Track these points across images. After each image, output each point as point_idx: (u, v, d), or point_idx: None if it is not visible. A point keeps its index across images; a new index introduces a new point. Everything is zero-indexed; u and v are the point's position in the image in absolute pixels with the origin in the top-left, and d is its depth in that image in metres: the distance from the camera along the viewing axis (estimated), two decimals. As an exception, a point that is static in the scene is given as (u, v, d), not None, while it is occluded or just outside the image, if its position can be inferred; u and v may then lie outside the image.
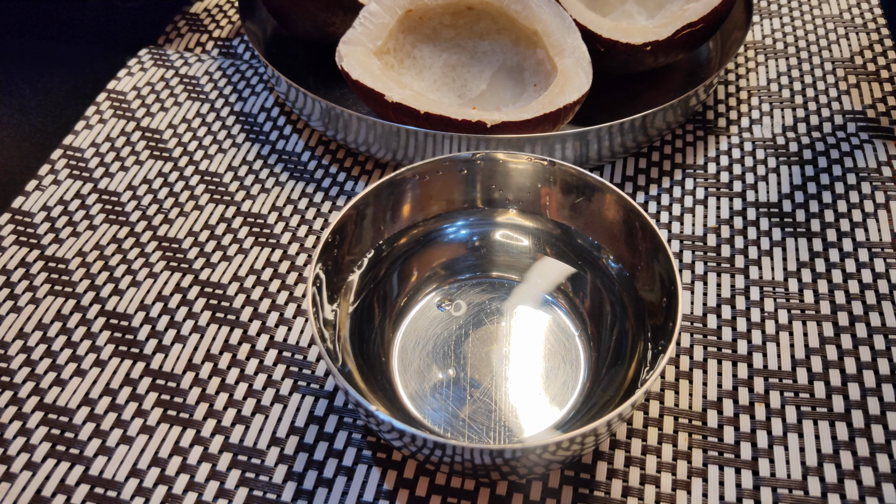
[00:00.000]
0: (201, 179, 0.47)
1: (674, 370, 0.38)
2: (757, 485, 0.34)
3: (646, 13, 0.52)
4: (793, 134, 0.48)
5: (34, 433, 0.36)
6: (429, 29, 0.48)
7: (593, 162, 0.46)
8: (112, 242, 0.44)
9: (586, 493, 0.34)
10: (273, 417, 0.37)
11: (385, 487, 0.34)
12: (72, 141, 0.50)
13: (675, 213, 0.44)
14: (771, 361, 0.38)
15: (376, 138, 0.45)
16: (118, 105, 0.52)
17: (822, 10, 0.57)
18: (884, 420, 0.35)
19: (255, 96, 0.53)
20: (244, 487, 0.34)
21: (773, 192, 0.45)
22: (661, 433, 0.35)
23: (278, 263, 0.43)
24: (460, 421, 0.34)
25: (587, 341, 0.37)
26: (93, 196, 0.47)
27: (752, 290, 0.41)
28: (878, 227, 0.43)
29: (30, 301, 0.41)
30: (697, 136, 0.49)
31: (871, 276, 0.41)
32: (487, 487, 0.34)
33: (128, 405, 0.37)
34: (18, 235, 0.44)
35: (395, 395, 0.35)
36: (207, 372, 0.38)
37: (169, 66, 0.55)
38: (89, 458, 0.35)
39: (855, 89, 0.51)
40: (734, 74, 0.53)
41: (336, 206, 0.46)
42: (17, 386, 0.38)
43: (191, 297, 0.41)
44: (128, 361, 0.39)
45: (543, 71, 0.46)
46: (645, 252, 0.36)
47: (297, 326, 0.40)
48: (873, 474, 0.34)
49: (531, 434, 0.34)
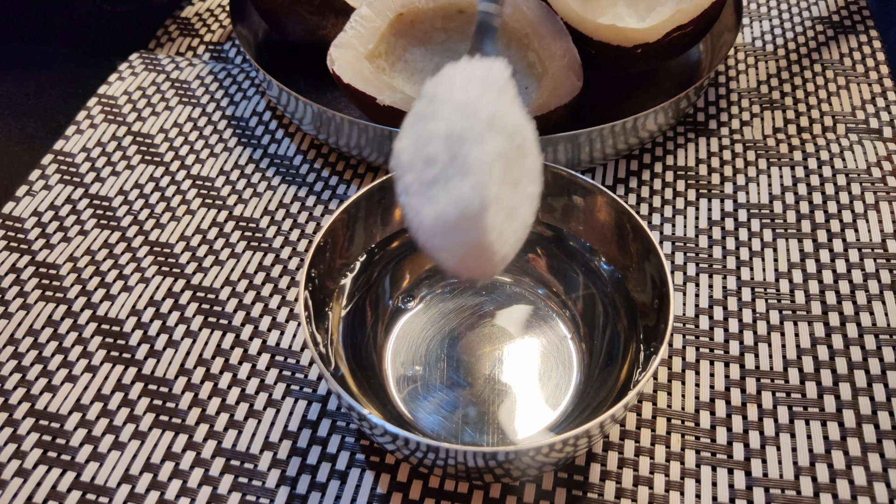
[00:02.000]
0: (193, 184, 0.47)
1: (666, 371, 0.38)
2: (750, 485, 0.34)
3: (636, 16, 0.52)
4: (783, 135, 0.49)
5: (25, 439, 0.36)
6: (420, 32, 0.48)
7: (585, 164, 0.46)
8: (103, 247, 0.44)
9: (580, 495, 0.34)
10: (266, 422, 0.37)
11: (378, 491, 0.34)
12: (63, 146, 0.50)
13: (667, 215, 0.45)
14: (763, 362, 0.38)
15: (368, 142, 0.45)
16: (109, 110, 0.52)
17: (812, 12, 0.58)
18: (875, 420, 0.35)
19: (247, 100, 0.53)
20: (237, 492, 0.34)
21: (763, 194, 0.45)
22: (653, 434, 0.36)
23: (270, 268, 0.43)
24: (453, 424, 0.34)
25: (579, 343, 0.37)
26: (84, 201, 0.46)
27: (743, 291, 0.41)
28: (869, 228, 0.43)
29: (20, 307, 0.41)
30: (688, 137, 0.49)
31: (861, 276, 0.41)
32: (481, 490, 0.34)
33: (119, 410, 0.37)
34: (9, 241, 0.44)
35: (387, 399, 0.35)
36: (200, 377, 0.38)
37: (160, 71, 0.55)
38: (81, 464, 0.35)
39: (844, 91, 0.51)
40: (724, 76, 0.53)
41: (328, 209, 0.46)
42: (8, 392, 0.38)
43: (183, 301, 0.41)
44: (119, 367, 0.39)
45: (534, 74, 0.46)
46: (636, 254, 0.36)
47: (290, 330, 0.40)
48: (865, 473, 0.34)
49: (524, 436, 0.34)
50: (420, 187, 0.28)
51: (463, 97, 0.28)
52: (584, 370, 0.36)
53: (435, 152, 0.27)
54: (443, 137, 0.27)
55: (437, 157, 0.27)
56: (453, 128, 0.27)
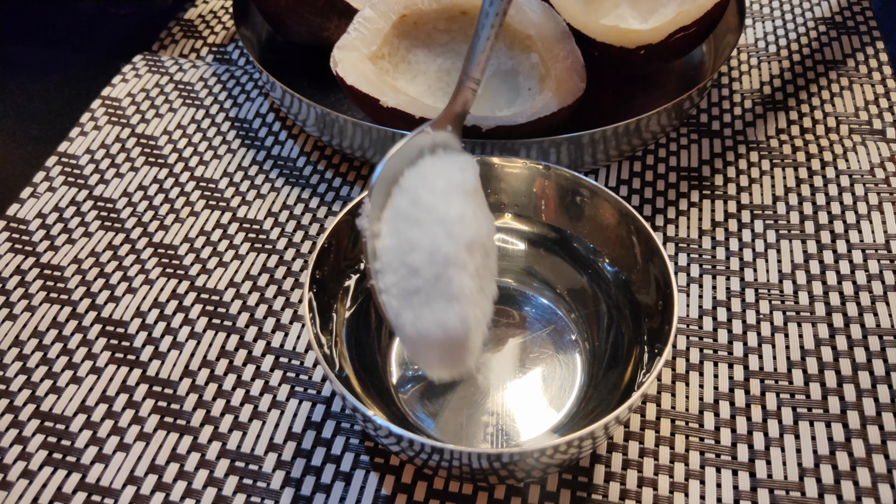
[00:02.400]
0: (197, 185, 0.47)
1: (670, 373, 0.38)
2: (754, 486, 0.34)
3: (639, 17, 0.52)
4: (786, 136, 0.49)
5: (30, 441, 0.36)
6: (423, 34, 0.48)
7: (588, 165, 0.46)
8: (108, 249, 0.44)
9: (584, 497, 0.34)
10: (270, 423, 0.37)
11: (383, 492, 0.34)
12: (67, 148, 0.50)
13: (670, 216, 0.45)
14: (767, 363, 0.38)
15: (371, 143, 0.45)
16: (113, 111, 0.52)
17: (815, 12, 0.58)
18: (879, 421, 0.35)
19: (251, 102, 0.53)
20: (242, 493, 0.34)
21: (766, 195, 0.45)
22: (658, 436, 0.36)
23: (274, 269, 0.43)
24: (458, 425, 0.34)
25: (583, 345, 0.37)
26: (88, 203, 0.47)
27: (747, 293, 0.41)
28: (872, 229, 0.43)
29: (25, 308, 0.41)
30: (692, 139, 0.49)
31: (865, 277, 0.41)
32: (485, 491, 0.34)
33: (124, 412, 0.37)
34: (14, 243, 0.44)
35: (391, 400, 0.35)
36: (204, 378, 0.38)
37: (164, 73, 0.55)
38: (86, 466, 0.35)
39: (847, 92, 0.51)
40: (727, 77, 0.53)
41: (332, 211, 0.46)
42: (14, 394, 0.38)
43: (187, 303, 0.41)
44: (124, 368, 0.39)
45: (538, 75, 0.46)
46: (640, 255, 0.36)
47: (294, 332, 0.40)
48: (869, 475, 0.34)
49: (529, 438, 0.34)
50: (402, 293, 0.31)
51: (445, 213, 0.31)
52: (588, 372, 0.36)
53: (419, 265, 0.30)
54: (427, 251, 0.30)
55: (421, 271, 0.30)
56: (438, 246, 0.30)
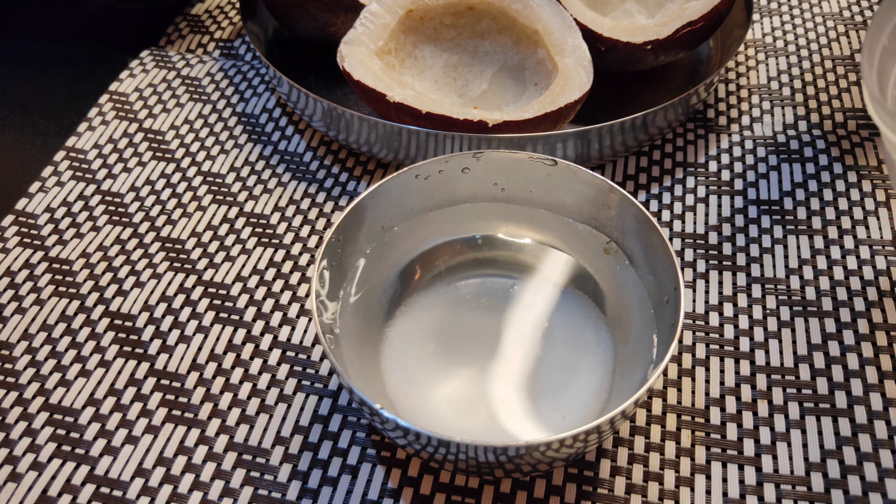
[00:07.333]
0: (204, 180, 0.48)
1: (676, 368, 0.38)
2: (760, 481, 0.34)
3: (646, 12, 0.52)
4: (793, 132, 0.49)
5: (40, 433, 0.36)
6: (430, 29, 0.48)
7: (594, 160, 0.46)
8: (115, 243, 0.44)
9: (590, 491, 0.34)
10: (277, 416, 0.37)
11: (389, 485, 0.34)
12: (74, 142, 0.50)
13: (677, 212, 0.45)
14: (773, 358, 0.38)
15: (378, 138, 0.45)
16: (120, 106, 0.52)
17: (822, 7, 0.58)
18: (886, 416, 0.35)
19: (257, 97, 0.53)
20: (249, 486, 0.35)
21: (774, 190, 0.45)
22: (663, 430, 0.36)
23: (281, 263, 0.43)
24: (464, 418, 0.35)
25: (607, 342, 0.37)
26: (96, 197, 0.47)
27: (753, 288, 0.41)
28: (879, 225, 0.43)
29: (34, 302, 0.41)
30: (698, 134, 0.49)
31: (872, 272, 0.41)
32: (491, 485, 0.34)
33: (133, 405, 0.37)
34: (22, 237, 0.45)
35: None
36: (212, 372, 0.38)
37: (171, 68, 0.55)
38: (95, 458, 0.36)
39: (855, 87, 0.51)
40: (735, 73, 0.53)
41: (338, 205, 0.46)
42: (23, 386, 0.38)
43: (194, 297, 0.42)
44: (132, 362, 0.39)
45: (544, 70, 0.46)
46: (646, 250, 0.36)
47: (301, 326, 0.40)
48: (876, 470, 0.34)
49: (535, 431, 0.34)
50: None
51: None
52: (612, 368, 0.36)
53: None
54: None
55: None
56: None
